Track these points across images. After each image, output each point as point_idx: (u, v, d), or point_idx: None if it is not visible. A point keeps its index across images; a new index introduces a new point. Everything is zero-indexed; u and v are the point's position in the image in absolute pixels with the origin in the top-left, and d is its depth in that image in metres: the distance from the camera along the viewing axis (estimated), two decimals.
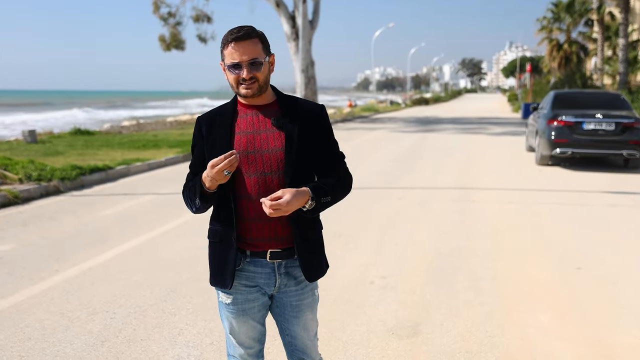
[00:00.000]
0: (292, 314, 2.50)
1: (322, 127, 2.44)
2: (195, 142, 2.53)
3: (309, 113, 2.43)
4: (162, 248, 6.32)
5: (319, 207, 2.32)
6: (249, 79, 2.31)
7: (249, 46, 2.30)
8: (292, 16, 26.64)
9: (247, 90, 2.33)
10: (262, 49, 2.33)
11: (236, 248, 2.40)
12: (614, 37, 46.39)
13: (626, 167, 12.30)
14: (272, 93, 2.46)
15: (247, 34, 2.31)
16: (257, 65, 2.30)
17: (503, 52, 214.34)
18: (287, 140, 2.34)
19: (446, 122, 28.50)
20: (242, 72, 2.30)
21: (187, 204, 2.48)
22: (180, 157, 13.55)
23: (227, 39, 2.32)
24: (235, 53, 2.30)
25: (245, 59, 2.29)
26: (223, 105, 2.52)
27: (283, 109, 2.41)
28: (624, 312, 4.56)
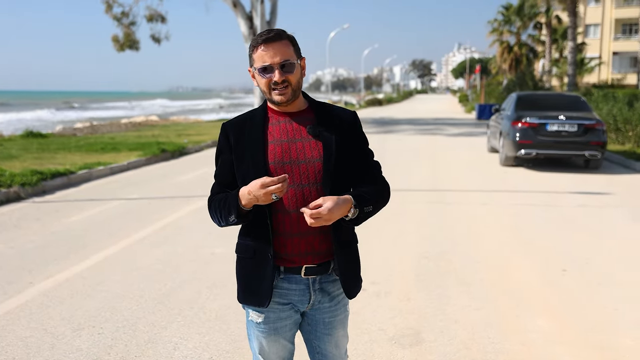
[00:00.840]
0: (325, 332, 2.38)
1: (358, 135, 2.33)
2: (221, 149, 2.38)
3: (344, 121, 2.32)
4: (140, 256, 6.08)
5: (362, 217, 2.21)
6: (281, 82, 2.18)
7: (280, 48, 2.17)
8: (249, 17, 26.36)
9: (280, 96, 2.20)
10: (294, 51, 2.22)
11: (273, 264, 2.26)
12: (561, 39, 47.82)
13: (587, 168, 12.59)
14: (303, 100, 2.34)
15: (278, 35, 2.19)
16: (289, 67, 2.18)
17: (452, 53, 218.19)
18: (325, 150, 2.22)
19: (403, 123, 28.71)
20: (273, 75, 2.18)
21: (214, 217, 2.33)
22: (142, 161, 13.19)
23: (257, 41, 2.20)
24: (266, 55, 2.18)
25: (276, 61, 2.17)
26: (252, 111, 2.39)
27: (318, 117, 2.29)
28: (617, 313, 4.61)
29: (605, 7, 53.65)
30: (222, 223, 2.30)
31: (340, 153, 2.23)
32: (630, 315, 4.56)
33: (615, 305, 4.79)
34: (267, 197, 2.08)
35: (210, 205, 2.36)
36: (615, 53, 55.94)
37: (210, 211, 2.35)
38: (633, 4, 51.25)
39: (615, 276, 5.51)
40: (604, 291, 5.12)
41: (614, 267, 5.79)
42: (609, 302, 4.85)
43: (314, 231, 2.23)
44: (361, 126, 2.36)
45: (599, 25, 56.10)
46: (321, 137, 2.24)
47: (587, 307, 4.74)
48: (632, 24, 54.95)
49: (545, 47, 42.70)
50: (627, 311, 4.65)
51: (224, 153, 2.36)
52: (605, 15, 55.71)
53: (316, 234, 2.24)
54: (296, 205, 2.21)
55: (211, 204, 2.35)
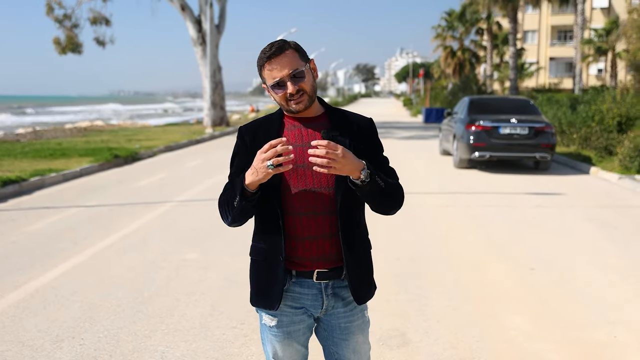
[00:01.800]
0: (341, 337, 2.38)
1: (373, 141, 2.35)
2: (237, 152, 2.38)
3: (359, 127, 2.34)
4: (109, 265, 5.95)
5: (373, 185, 2.15)
6: (297, 92, 2.20)
7: (285, 59, 2.19)
8: (197, 20, 26.11)
9: (298, 105, 2.22)
10: (300, 58, 2.23)
11: (284, 267, 2.27)
12: (501, 45, 49.28)
13: (536, 169, 13.02)
14: (319, 105, 2.36)
15: (279, 48, 2.21)
16: (299, 76, 2.20)
17: (395, 58, 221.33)
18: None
19: None
20: (286, 88, 2.20)
21: (222, 213, 2.32)
22: (95, 167, 12.87)
23: (263, 60, 2.22)
24: (275, 70, 2.20)
25: (285, 74, 2.18)
26: (268, 116, 2.40)
27: (332, 122, 2.31)
28: (589, 310, 4.80)
29: (542, 14, 55.54)
30: (229, 215, 2.27)
31: None
32: (599, 311, 4.75)
33: (584, 301, 4.98)
34: (262, 166, 2.08)
35: (219, 200, 2.33)
36: (552, 58, 58.02)
37: (219, 207, 2.33)
38: (567, 11, 53.23)
39: (580, 274, 5.73)
40: (572, 289, 5.32)
41: (578, 265, 6.02)
42: (579, 299, 5.04)
43: (324, 235, 2.24)
44: (377, 133, 2.39)
45: (536, 31, 58.07)
46: (335, 142, 2.26)
47: (559, 305, 4.91)
48: (567, 31, 57.11)
49: (486, 52, 43.90)
50: (596, 307, 4.85)
51: (240, 155, 2.36)
52: (542, 22, 57.71)
53: (327, 238, 2.25)
54: (308, 209, 2.23)
55: (220, 198, 2.33)
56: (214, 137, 22.03)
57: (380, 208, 2.30)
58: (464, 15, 42.50)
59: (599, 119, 14.84)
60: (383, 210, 2.32)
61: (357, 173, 2.12)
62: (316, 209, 2.23)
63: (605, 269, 5.85)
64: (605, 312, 4.72)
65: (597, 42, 43.59)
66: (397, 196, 2.31)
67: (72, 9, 29.79)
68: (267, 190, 2.24)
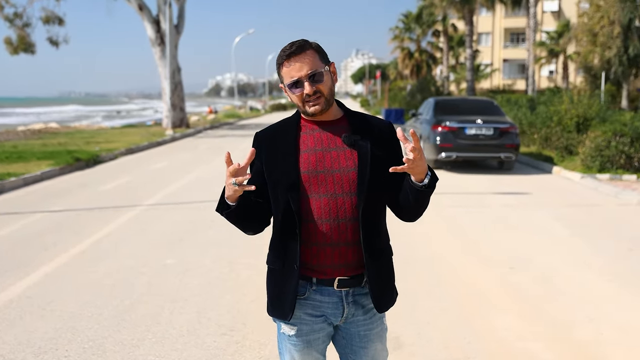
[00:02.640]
0: (360, 345, 2.33)
1: (394, 145, 2.30)
2: (254, 159, 2.32)
3: (380, 130, 2.29)
4: (85, 272, 5.76)
5: (432, 187, 2.16)
6: (313, 93, 2.16)
7: (305, 59, 2.14)
8: (156, 20, 25.70)
9: (314, 107, 2.17)
10: (320, 59, 2.18)
11: (298, 276, 2.22)
12: (457, 47, 50.09)
13: (501, 169, 13.25)
14: (338, 108, 2.31)
15: (300, 47, 2.16)
16: (318, 77, 2.15)
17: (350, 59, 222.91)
18: (360, 159, 2.19)
19: None
20: (304, 88, 2.15)
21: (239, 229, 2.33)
22: (56, 170, 12.49)
23: (282, 58, 2.17)
24: (293, 70, 2.15)
25: (304, 74, 2.14)
26: (285, 120, 2.34)
27: (352, 126, 2.26)
28: (572, 308, 4.88)
29: (496, 16, 56.66)
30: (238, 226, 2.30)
31: (375, 163, 2.19)
32: (582, 310, 4.84)
33: (567, 299, 5.07)
34: (229, 183, 2.10)
35: None
36: (505, 60, 59.29)
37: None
38: (520, 14, 54.46)
39: (558, 273, 5.82)
40: (553, 288, 5.40)
41: (554, 264, 6.12)
42: (561, 297, 5.13)
43: (346, 242, 2.20)
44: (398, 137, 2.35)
45: (490, 33, 59.22)
46: (356, 147, 2.21)
47: (543, 304, 4.98)
48: (520, 33, 58.44)
49: (443, 53, 44.54)
50: (578, 306, 4.93)
51: (256, 163, 2.31)
52: (496, 25, 58.90)
53: (349, 245, 2.20)
54: (329, 215, 2.18)
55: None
56: (175, 139, 21.69)
57: (412, 213, 2.28)
58: (420, 17, 43.01)
59: (557, 119, 15.19)
60: (413, 216, 2.31)
61: (422, 175, 2.11)
62: (338, 215, 2.18)
63: (582, 268, 5.97)
64: (588, 310, 4.80)
65: (550, 45, 44.74)
66: (425, 205, 2.29)
67: (24, 7, 29.00)
68: (286, 197, 2.19)
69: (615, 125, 12.43)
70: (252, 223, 2.30)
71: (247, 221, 2.28)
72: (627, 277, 5.68)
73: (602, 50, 30.25)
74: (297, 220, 2.19)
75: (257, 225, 2.33)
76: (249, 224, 2.30)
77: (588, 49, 32.10)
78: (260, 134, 2.34)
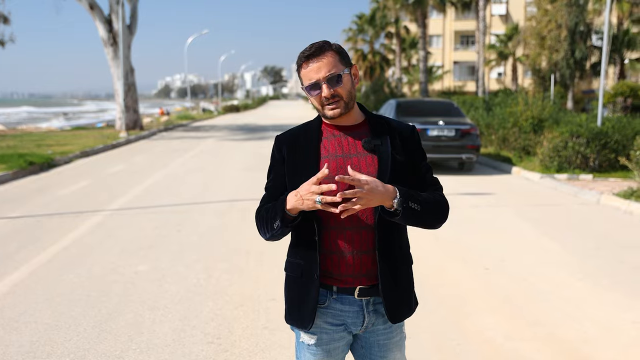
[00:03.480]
0: (380, 354, 2.28)
1: (416, 150, 2.25)
2: (273, 163, 2.27)
3: (401, 135, 2.24)
4: (55, 281, 5.53)
5: (406, 213, 2.06)
6: (331, 96, 2.10)
7: (323, 61, 2.10)
8: (108, 20, 25.10)
9: (333, 111, 2.13)
10: (340, 61, 2.13)
11: (318, 285, 2.17)
12: (409, 49, 50.69)
13: (462, 170, 13.43)
14: (360, 112, 2.26)
15: (319, 49, 2.11)
16: (336, 79, 2.10)
17: None
18: (380, 165, 2.14)
19: (270, 129, 28.80)
20: (321, 90, 2.10)
21: (260, 228, 2.24)
22: (9, 175, 12.01)
23: (301, 60, 2.14)
24: (311, 72, 2.11)
25: (322, 76, 2.09)
26: (306, 124, 2.28)
27: (374, 130, 2.21)
28: (552, 307, 4.95)
29: (446, 19, 57.65)
30: (267, 233, 2.21)
31: (395, 168, 2.14)
32: (562, 309, 4.92)
33: (545, 299, 5.14)
34: (310, 199, 2.00)
35: (258, 214, 2.26)
36: (455, 62, 60.43)
37: (257, 220, 2.26)
38: (469, 17, 55.56)
39: (533, 272, 5.91)
40: (531, 287, 5.47)
41: (528, 264, 6.22)
42: (541, 296, 5.20)
43: (367, 250, 2.15)
44: (420, 141, 2.31)
45: (440, 36, 60.23)
46: (377, 152, 2.16)
47: (524, 304, 5.04)
48: (469, 36, 59.67)
49: (395, 55, 44.99)
50: (558, 305, 5.01)
51: (277, 166, 2.26)
52: (446, 27, 59.93)
53: (370, 254, 2.15)
54: (351, 223, 2.13)
55: (259, 213, 2.25)
56: (130, 141, 21.20)
57: (421, 226, 2.21)
58: (374, 19, 43.35)
59: (513, 121, 15.51)
60: (425, 227, 2.23)
61: (388, 202, 2.03)
62: (360, 222, 2.14)
63: (554, 267, 6.08)
64: (568, 309, 4.88)
65: (499, 48, 45.76)
66: (438, 211, 2.21)
67: None
68: None
69: (571, 127, 12.76)
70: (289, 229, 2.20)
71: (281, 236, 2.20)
72: (598, 275, 5.81)
73: (550, 53, 31.11)
74: (316, 228, 2.14)
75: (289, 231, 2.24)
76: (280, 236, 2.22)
77: (536, 52, 32.95)
78: (282, 137, 2.28)
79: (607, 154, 12.26)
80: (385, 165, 2.15)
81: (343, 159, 2.15)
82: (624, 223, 8.22)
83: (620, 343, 4.23)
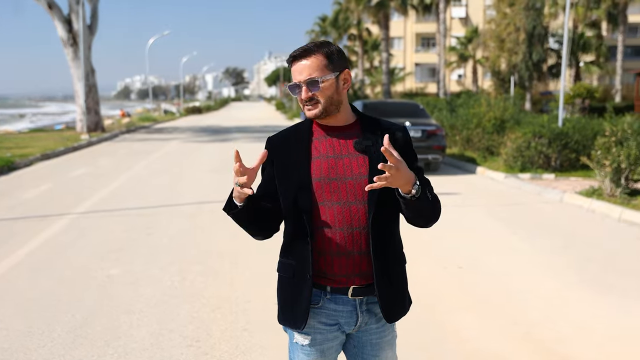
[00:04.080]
0: (372, 353, 2.30)
1: (407, 151, 2.24)
2: (265, 164, 2.25)
3: (393, 136, 2.25)
4: (25, 286, 5.40)
5: (422, 200, 2.09)
6: (309, 99, 2.13)
7: (307, 64, 2.12)
8: (67, 20, 24.58)
9: (310, 112, 2.15)
10: (326, 66, 2.12)
11: (311, 285, 2.17)
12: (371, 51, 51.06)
13: (428, 170, 13.58)
14: (351, 113, 2.27)
15: (305, 52, 2.13)
16: (314, 84, 2.11)
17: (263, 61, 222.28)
18: (372, 166, 2.14)
19: (234, 131, 28.65)
20: (301, 92, 2.12)
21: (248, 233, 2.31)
22: None
23: (289, 60, 2.17)
24: (295, 72, 2.14)
25: (302, 79, 2.12)
26: (297, 125, 2.29)
27: (365, 131, 2.22)
28: (529, 305, 5.04)
29: (407, 21, 58.29)
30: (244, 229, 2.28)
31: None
32: (536, 308, 5.02)
33: (523, 297, 5.25)
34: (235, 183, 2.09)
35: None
36: (417, 64, 61.13)
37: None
38: (430, 20, 56.30)
39: (505, 271, 6.01)
40: (504, 286, 5.57)
41: (500, 263, 6.33)
42: (517, 294, 5.30)
43: (360, 251, 2.16)
44: (411, 142, 2.32)
45: (402, 38, 60.88)
46: (368, 153, 2.18)
47: (498, 302, 5.13)
48: (430, 38, 60.42)
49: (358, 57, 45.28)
50: (531, 304, 5.11)
51: (268, 166, 2.26)
52: (407, 29, 60.60)
53: (363, 254, 2.16)
54: (343, 223, 2.14)
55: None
56: (92, 143, 20.82)
57: (420, 220, 2.23)
58: (337, 21, 43.55)
59: (477, 122, 15.77)
60: (422, 223, 2.25)
61: (408, 187, 2.04)
62: (352, 223, 2.14)
63: (525, 266, 6.20)
64: (542, 308, 4.97)
65: (460, 50, 46.44)
66: (437, 208, 2.24)
67: None
68: (297, 204, 2.15)
69: (534, 127, 13.04)
70: (260, 228, 2.25)
71: (255, 225, 2.23)
72: (568, 274, 5.94)
73: (509, 55, 31.74)
74: (308, 229, 2.15)
75: (266, 231, 2.27)
76: (257, 228, 2.25)
77: (496, 54, 33.57)
78: (273, 138, 2.29)
79: (567, 153, 12.58)
80: (376, 166, 2.16)
81: (334, 160, 2.16)
82: (587, 221, 8.44)
83: (594, 342, 4.33)
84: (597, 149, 9.59)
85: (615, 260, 6.44)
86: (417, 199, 2.07)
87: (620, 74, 40.28)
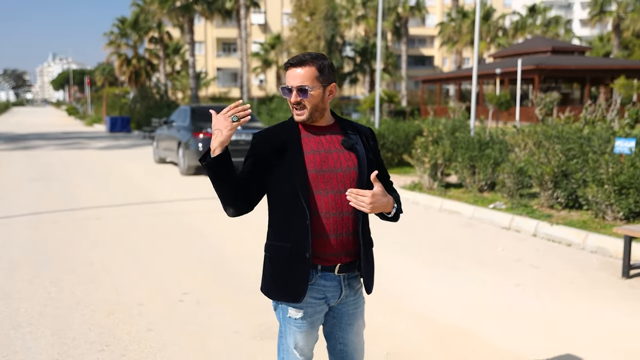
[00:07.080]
0: (348, 322, 2.65)
1: (376, 149, 2.67)
2: (252, 154, 2.53)
3: (366, 136, 2.65)
4: None
5: (397, 215, 2.56)
6: (297, 103, 2.47)
7: (300, 72, 2.45)
8: None
9: (298, 116, 2.50)
10: (317, 78, 2.46)
11: (310, 264, 2.48)
12: (172, 54, 50.29)
13: None
14: (331, 116, 2.61)
15: (300, 62, 2.46)
16: (303, 91, 2.45)
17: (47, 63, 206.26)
18: (359, 160, 2.53)
19: (33, 138, 26.53)
20: (291, 96, 2.46)
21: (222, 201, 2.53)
22: None
23: (286, 65, 2.50)
24: (289, 77, 2.48)
25: (294, 84, 2.46)
26: (282, 124, 2.60)
27: (345, 131, 2.59)
28: (384, 281, 5.68)
29: (208, 26, 58.39)
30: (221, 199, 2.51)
31: (369, 163, 2.57)
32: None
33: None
34: (228, 121, 2.40)
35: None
36: (219, 69, 61.44)
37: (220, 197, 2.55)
38: (231, 25, 57.01)
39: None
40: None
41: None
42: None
43: (347, 232, 2.51)
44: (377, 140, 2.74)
45: (203, 42, 60.77)
46: (354, 149, 2.55)
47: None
48: (231, 43, 61.12)
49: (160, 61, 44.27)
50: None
51: (255, 156, 2.52)
52: (208, 34, 60.67)
53: (350, 235, 2.52)
54: (336, 209, 2.49)
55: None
56: None
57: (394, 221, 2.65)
58: (137, 23, 42.21)
59: None
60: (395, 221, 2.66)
61: (388, 209, 2.49)
62: (343, 209, 2.49)
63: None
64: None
65: (262, 55, 47.68)
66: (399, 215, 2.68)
67: None
68: (297, 193, 2.44)
69: None
70: (235, 196, 2.48)
71: (229, 186, 2.45)
72: (411, 255, 6.73)
73: None
74: (307, 214, 2.45)
75: (240, 202, 2.50)
76: (232, 194, 2.47)
77: None
78: (262, 133, 2.56)
79: (384, 153, 13.80)
80: (362, 160, 2.54)
81: (325, 154, 2.50)
82: (414, 212, 9.43)
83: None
84: (417, 147, 10.76)
85: (449, 243, 7.40)
86: (393, 217, 2.55)
87: (406, 80, 44.56)
